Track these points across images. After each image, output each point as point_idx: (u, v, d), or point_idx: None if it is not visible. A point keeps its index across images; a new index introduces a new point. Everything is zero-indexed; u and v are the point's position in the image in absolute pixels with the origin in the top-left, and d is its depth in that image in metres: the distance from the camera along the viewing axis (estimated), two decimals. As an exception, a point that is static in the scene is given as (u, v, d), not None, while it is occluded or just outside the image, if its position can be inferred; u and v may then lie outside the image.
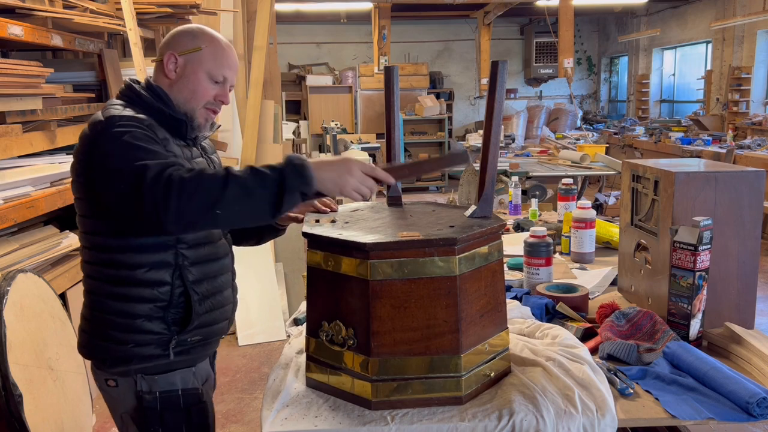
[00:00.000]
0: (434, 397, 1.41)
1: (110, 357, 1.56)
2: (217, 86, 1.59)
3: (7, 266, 2.86)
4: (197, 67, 1.56)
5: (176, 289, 1.54)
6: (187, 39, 1.57)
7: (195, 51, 1.56)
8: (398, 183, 1.77)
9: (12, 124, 2.99)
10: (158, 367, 1.56)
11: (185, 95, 1.57)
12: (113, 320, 1.53)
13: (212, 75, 1.57)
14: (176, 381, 1.58)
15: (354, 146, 7.69)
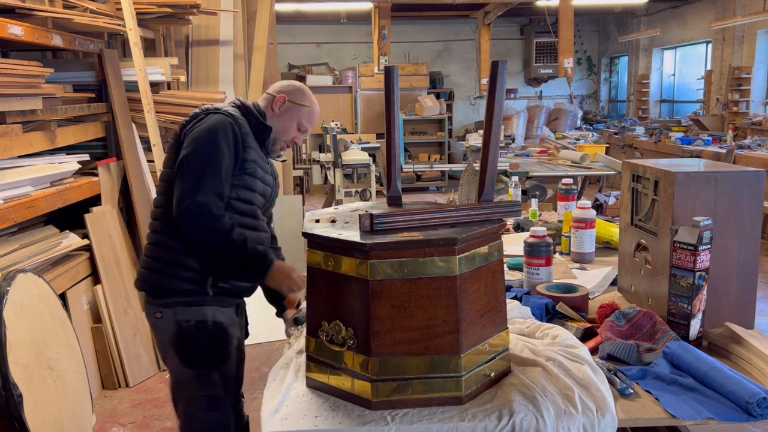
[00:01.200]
0: (434, 397, 1.41)
1: (159, 289, 1.92)
2: (299, 133, 2.11)
3: (7, 266, 2.86)
4: (295, 115, 2.08)
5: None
6: (299, 95, 2.08)
7: (301, 106, 2.07)
8: (398, 182, 1.77)
9: (12, 124, 2.99)
10: (195, 301, 1.91)
11: (278, 128, 2.06)
12: (164, 254, 1.92)
13: (301, 125, 2.09)
14: (207, 314, 1.92)
15: (354, 146, 7.69)
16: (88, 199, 3.63)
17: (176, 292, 1.91)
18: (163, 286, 1.92)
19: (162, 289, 1.93)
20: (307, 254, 1.52)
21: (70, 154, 3.58)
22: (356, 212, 1.68)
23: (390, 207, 1.73)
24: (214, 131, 1.86)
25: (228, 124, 1.88)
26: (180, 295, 1.91)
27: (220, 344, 1.96)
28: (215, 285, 1.93)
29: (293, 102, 2.07)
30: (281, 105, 2.06)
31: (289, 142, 2.11)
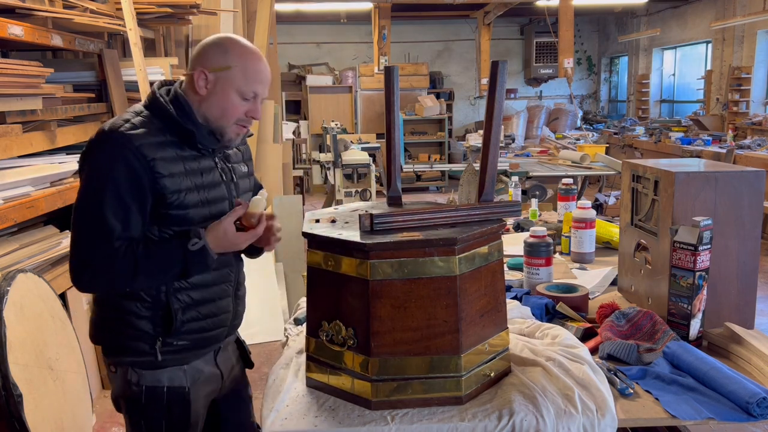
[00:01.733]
0: (434, 397, 1.41)
1: (108, 345, 1.63)
2: (248, 102, 1.57)
3: (7, 266, 2.85)
4: (227, 86, 1.54)
5: (161, 293, 1.55)
6: (218, 55, 1.54)
7: (225, 69, 1.53)
8: (398, 182, 1.77)
9: (12, 124, 2.99)
10: (147, 363, 1.59)
11: (215, 113, 1.56)
12: (109, 312, 1.61)
13: (242, 93, 1.55)
14: (163, 378, 1.60)
15: (354, 146, 7.69)
16: (88, 199, 3.62)
17: (127, 351, 1.59)
18: (113, 344, 1.62)
19: (112, 345, 1.62)
20: (307, 254, 1.52)
21: (70, 154, 3.58)
22: (356, 212, 1.68)
23: (390, 207, 1.73)
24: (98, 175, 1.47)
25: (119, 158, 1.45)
26: (131, 355, 1.59)
27: (174, 416, 1.62)
28: (167, 345, 1.58)
29: (215, 70, 1.53)
30: (205, 82, 1.54)
31: (243, 122, 1.59)
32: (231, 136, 1.60)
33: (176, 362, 1.61)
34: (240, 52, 1.55)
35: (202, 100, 1.56)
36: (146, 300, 1.55)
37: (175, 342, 1.58)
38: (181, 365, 1.62)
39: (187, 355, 1.62)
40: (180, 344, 1.59)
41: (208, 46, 1.57)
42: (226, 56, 1.54)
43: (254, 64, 1.56)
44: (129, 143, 1.46)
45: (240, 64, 1.54)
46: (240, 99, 1.55)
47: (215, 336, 1.67)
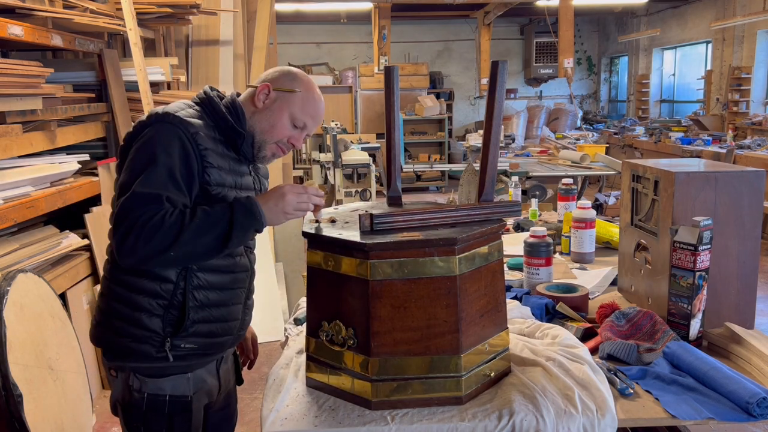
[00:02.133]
0: (434, 397, 1.41)
1: (111, 348, 1.59)
2: (295, 130, 1.64)
3: (7, 266, 2.85)
4: (284, 106, 1.61)
5: (178, 290, 1.54)
6: (287, 79, 1.63)
7: (290, 92, 1.61)
8: (398, 182, 1.77)
9: (12, 124, 3.00)
10: (151, 370, 1.57)
11: (263, 126, 1.61)
12: (117, 308, 1.56)
13: (294, 118, 1.61)
14: (166, 387, 1.59)
15: (354, 146, 7.69)
16: (88, 199, 3.63)
17: (131, 355, 1.56)
18: (116, 346, 1.58)
19: (115, 349, 1.58)
20: (307, 254, 1.52)
21: (70, 154, 3.58)
22: (356, 212, 1.68)
23: (390, 207, 1.73)
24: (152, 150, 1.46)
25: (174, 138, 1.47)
26: (135, 359, 1.56)
27: (175, 425, 1.60)
28: (176, 347, 1.56)
29: (279, 89, 1.60)
30: (265, 96, 1.61)
31: (283, 145, 1.65)
32: (267, 153, 1.65)
33: (181, 369, 1.59)
34: (307, 85, 1.64)
35: (255, 112, 1.62)
36: (162, 296, 1.54)
37: (183, 344, 1.56)
38: (185, 373, 1.60)
39: (192, 362, 1.61)
40: (187, 347, 1.57)
41: (281, 71, 1.66)
42: (294, 83, 1.63)
43: (315, 100, 1.65)
44: (185, 127, 1.49)
45: (303, 94, 1.62)
46: (290, 122, 1.62)
47: (221, 343, 1.66)
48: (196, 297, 1.56)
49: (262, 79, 1.65)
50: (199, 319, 1.57)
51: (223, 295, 1.62)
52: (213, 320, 1.61)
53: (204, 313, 1.58)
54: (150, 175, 1.44)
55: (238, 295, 1.68)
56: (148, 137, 1.48)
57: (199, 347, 1.60)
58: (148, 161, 1.45)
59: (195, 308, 1.56)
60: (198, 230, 1.43)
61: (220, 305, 1.62)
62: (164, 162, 1.45)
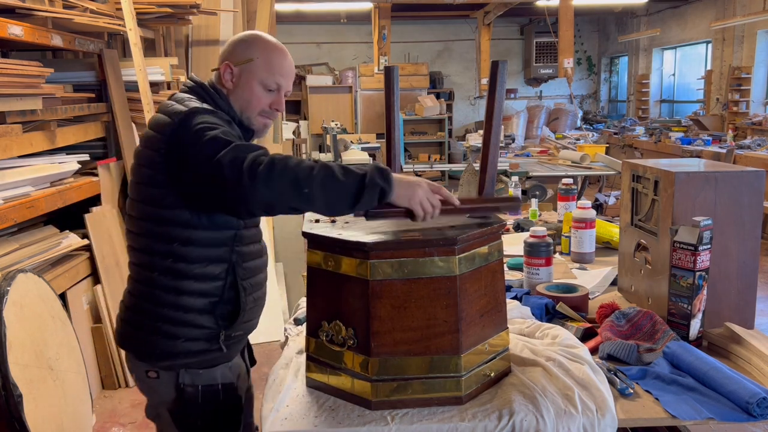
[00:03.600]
0: (434, 397, 1.41)
1: (157, 350, 1.58)
2: (271, 94, 1.63)
3: (7, 266, 2.85)
4: (250, 78, 1.60)
5: (227, 285, 1.58)
6: (242, 49, 1.61)
7: (248, 62, 1.59)
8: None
9: (12, 124, 2.99)
10: (203, 363, 1.59)
11: (241, 104, 1.62)
12: (165, 313, 1.55)
13: (265, 84, 1.61)
14: (217, 376, 1.61)
15: (354, 146, 7.70)
16: (88, 199, 3.63)
17: (181, 354, 1.56)
18: (162, 349, 1.57)
19: (160, 351, 1.57)
20: (307, 254, 1.52)
21: (70, 154, 3.58)
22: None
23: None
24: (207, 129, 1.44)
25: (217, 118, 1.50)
26: (186, 357, 1.57)
27: (230, 412, 1.64)
28: (229, 337, 1.60)
29: (239, 63, 1.60)
30: (231, 75, 1.61)
31: (267, 113, 1.64)
32: (258, 126, 1.66)
33: (224, 359, 1.63)
34: (263, 46, 1.61)
35: (229, 93, 1.62)
36: (212, 294, 1.56)
37: (233, 334, 1.60)
38: (228, 362, 1.64)
39: (232, 350, 1.65)
40: (237, 335, 1.63)
41: (233, 42, 1.64)
42: (249, 49, 1.60)
43: (277, 57, 1.62)
44: (218, 114, 1.52)
45: (262, 56, 1.60)
46: (264, 90, 1.61)
47: (256, 324, 1.72)
48: (244, 287, 1.61)
49: (220, 58, 1.63)
50: (249, 306, 1.63)
51: (260, 278, 1.69)
52: (256, 305, 1.68)
53: (251, 299, 1.64)
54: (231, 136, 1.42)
55: (266, 275, 1.75)
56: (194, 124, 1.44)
57: (245, 332, 1.68)
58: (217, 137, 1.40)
59: (245, 297, 1.61)
60: (331, 174, 1.35)
61: (258, 288, 1.69)
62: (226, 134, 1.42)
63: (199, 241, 1.54)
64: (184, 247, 1.53)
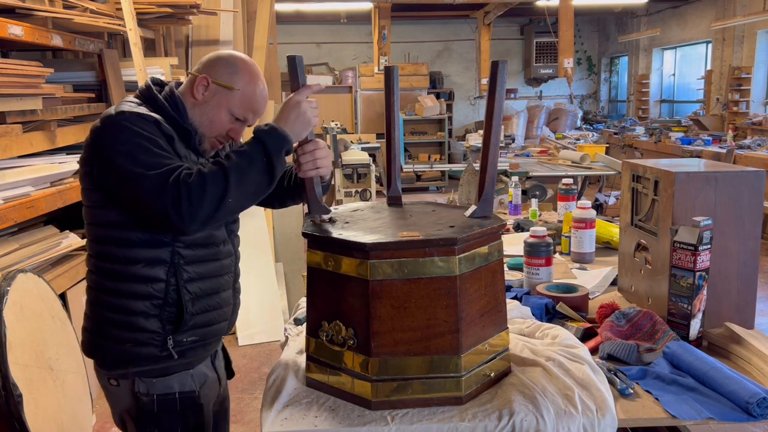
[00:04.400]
0: (434, 397, 1.41)
1: (110, 357, 1.57)
2: (236, 123, 1.60)
3: (7, 266, 2.86)
4: (223, 102, 1.57)
5: (170, 287, 1.54)
6: (227, 71, 1.56)
7: (228, 88, 1.56)
8: (398, 183, 1.77)
9: (12, 124, 2.99)
10: (156, 371, 1.57)
11: (203, 121, 1.58)
12: (111, 317, 1.55)
13: (234, 113, 1.58)
14: (173, 384, 1.59)
15: (354, 146, 7.69)
16: (88, 199, 3.62)
17: (132, 361, 1.54)
18: (116, 354, 1.55)
19: (115, 357, 1.56)
20: (307, 254, 1.52)
21: (70, 154, 3.58)
22: (356, 212, 1.68)
23: (390, 207, 1.73)
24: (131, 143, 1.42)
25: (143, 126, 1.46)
26: (137, 364, 1.55)
27: (189, 422, 1.61)
28: (178, 343, 1.56)
29: (218, 84, 1.55)
30: (204, 89, 1.56)
31: (222, 138, 1.61)
32: (206, 147, 1.62)
33: (184, 366, 1.60)
34: (247, 79, 1.57)
35: (195, 104, 1.57)
36: (156, 296, 1.53)
37: (185, 339, 1.57)
38: (188, 370, 1.61)
39: (193, 357, 1.62)
40: (189, 341, 1.58)
41: (220, 59, 1.58)
42: (234, 76, 1.56)
43: (256, 95, 1.59)
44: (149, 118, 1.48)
45: (243, 90, 1.57)
46: (229, 117, 1.58)
47: (218, 330, 1.67)
48: (189, 290, 1.56)
49: (202, 68, 1.58)
50: (196, 311, 1.58)
51: (213, 283, 1.62)
52: (209, 309, 1.62)
53: (200, 304, 1.59)
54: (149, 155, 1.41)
55: (227, 281, 1.68)
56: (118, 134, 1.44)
57: (200, 338, 1.61)
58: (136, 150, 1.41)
59: (191, 300, 1.57)
60: (241, 168, 1.40)
61: (212, 294, 1.62)
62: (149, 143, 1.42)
63: (133, 242, 1.51)
64: (118, 249, 1.52)
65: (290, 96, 1.53)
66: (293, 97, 1.52)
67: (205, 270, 1.60)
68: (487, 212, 1.55)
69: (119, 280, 1.53)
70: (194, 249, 1.57)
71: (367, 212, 1.68)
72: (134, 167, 1.39)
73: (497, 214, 2.04)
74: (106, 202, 1.50)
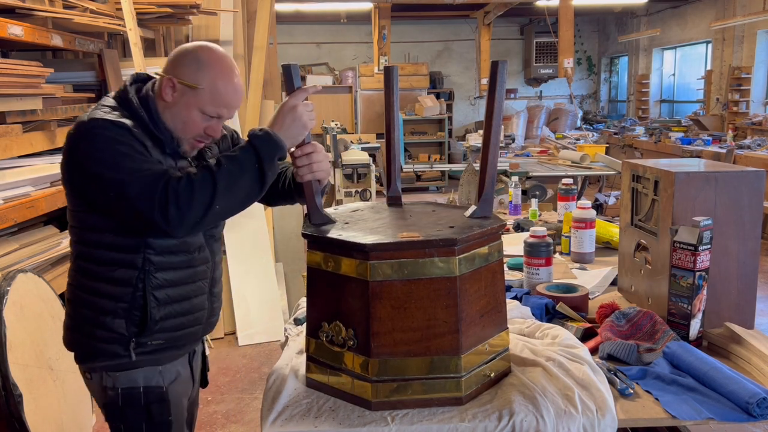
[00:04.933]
0: (434, 398, 1.41)
1: (82, 351, 1.61)
2: (211, 120, 1.55)
3: (7, 266, 2.85)
4: (191, 103, 1.51)
5: (137, 292, 1.54)
6: (192, 69, 1.50)
7: (193, 87, 1.49)
8: (398, 183, 1.77)
9: (12, 124, 2.99)
10: (121, 366, 1.57)
11: (176, 124, 1.53)
12: (85, 313, 1.58)
13: (206, 112, 1.53)
14: (138, 379, 1.59)
15: (354, 146, 7.69)
16: (88, 199, 3.62)
17: (100, 355, 1.57)
18: (86, 348, 1.59)
19: (86, 351, 1.60)
20: (307, 254, 1.52)
21: (70, 154, 3.57)
22: (356, 212, 1.68)
23: (390, 207, 1.73)
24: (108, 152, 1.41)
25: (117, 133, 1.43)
26: (104, 358, 1.57)
27: (154, 417, 1.60)
28: (142, 345, 1.56)
29: (184, 83, 1.49)
30: (172, 91, 1.51)
31: (201, 137, 1.57)
32: (186, 148, 1.58)
33: (151, 362, 1.60)
34: (212, 74, 1.50)
35: (166, 108, 1.53)
36: (122, 299, 1.54)
37: (149, 342, 1.57)
38: (156, 366, 1.61)
39: (162, 355, 1.61)
40: (154, 344, 1.58)
41: (185, 55, 1.52)
42: (198, 73, 1.50)
43: (224, 86, 1.52)
44: (120, 124, 1.45)
45: (209, 86, 1.50)
46: (201, 117, 1.53)
47: (191, 333, 1.66)
48: (156, 297, 1.55)
49: (168, 67, 1.52)
50: (163, 317, 1.57)
51: (184, 289, 1.61)
52: (178, 315, 1.61)
53: (167, 310, 1.58)
54: (130, 160, 1.40)
55: (201, 287, 1.66)
56: (94, 142, 1.42)
57: (167, 341, 1.61)
58: (116, 157, 1.40)
59: (157, 307, 1.56)
60: (231, 174, 1.39)
61: (182, 300, 1.61)
62: (127, 149, 1.41)
63: (108, 245, 1.52)
64: (96, 250, 1.54)
65: (286, 100, 1.52)
66: (288, 101, 1.51)
67: (176, 277, 1.59)
68: (487, 212, 1.55)
69: (94, 279, 1.55)
70: (166, 256, 1.56)
71: (367, 212, 1.67)
72: (116, 174, 1.39)
73: (497, 214, 2.04)
74: (85, 207, 1.52)
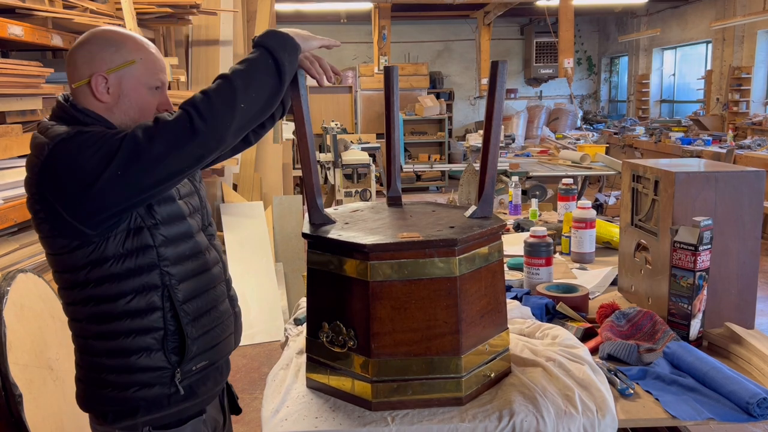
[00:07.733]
0: (434, 398, 1.41)
1: (112, 408, 1.42)
2: (157, 93, 1.44)
3: (7, 266, 2.85)
4: (135, 83, 1.40)
5: (167, 313, 1.41)
6: (111, 53, 1.38)
7: (128, 65, 1.39)
8: (398, 183, 1.77)
9: (12, 124, 3.00)
10: (168, 417, 1.44)
11: (132, 115, 1.41)
12: (107, 363, 1.40)
13: (150, 84, 1.43)
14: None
15: (354, 146, 7.69)
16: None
17: (141, 407, 1.40)
18: (116, 404, 1.40)
19: (118, 408, 1.40)
20: (307, 255, 1.51)
21: (70, 154, 3.57)
22: (356, 212, 1.68)
23: (390, 207, 1.73)
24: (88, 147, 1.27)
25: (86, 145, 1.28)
26: (148, 410, 1.40)
27: None
28: (188, 374, 1.42)
29: (114, 70, 1.38)
30: (105, 87, 1.38)
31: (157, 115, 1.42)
32: None
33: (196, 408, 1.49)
34: (137, 45, 1.42)
35: (108, 108, 1.40)
36: (155, 328, 1.40)
37: (194, 367, 1.45)
38: (200, 414, 1.50)
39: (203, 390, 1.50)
40: (199, 366, 1.46)
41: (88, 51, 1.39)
42: (120, 53, 1.39)
43: (147, 50, 1.43)
44: (84, 130, 1.32)
45: (143, 56, 1.41)
46: (148, 92, 1.43)
47: (226, 346, 1.57)
48: (186, 311, 1.44)
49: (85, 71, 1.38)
50: (198, 333, 1.47)
51: (208, 297, 1.51)
52: (212, 326, 1.51)
53: (200, 324, 1.48)
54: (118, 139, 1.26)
55: (222, 290, 1.58)
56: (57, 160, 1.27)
57: (210, 361, 1.50)
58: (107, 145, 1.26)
59: (190, 324, 1.45)
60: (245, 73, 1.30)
61: (210, 309, 1.52)
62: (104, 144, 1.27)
63: (115, 276, 1.36)
64: (100, 287, 1.37)
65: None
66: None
67: (198, 285, 1.48)
68: (487, 212, 1.55)
69: (108, 320, 1.38)
70: (182, 263, 1.45)
71: (367, 213, 1.67)
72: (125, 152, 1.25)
73: (497, 214, 2.04)
74: (72, 245, 1.34)
